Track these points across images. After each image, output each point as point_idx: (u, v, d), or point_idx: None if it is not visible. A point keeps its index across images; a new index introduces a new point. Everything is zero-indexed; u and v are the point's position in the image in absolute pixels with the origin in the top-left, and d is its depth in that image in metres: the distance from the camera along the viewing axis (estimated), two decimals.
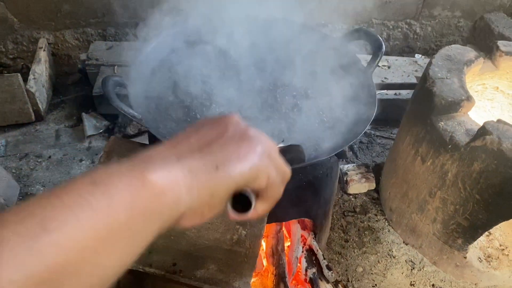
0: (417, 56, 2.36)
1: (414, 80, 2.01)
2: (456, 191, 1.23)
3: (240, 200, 0.45)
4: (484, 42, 2.29)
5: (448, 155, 1.21)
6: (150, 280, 1.18)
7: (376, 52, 1.18)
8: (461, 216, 1.25)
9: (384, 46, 1.17)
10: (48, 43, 2.04)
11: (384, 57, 2.18)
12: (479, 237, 1.27)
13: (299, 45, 1.26)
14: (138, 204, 0.34)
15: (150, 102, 1.09)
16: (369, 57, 1.18)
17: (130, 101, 1.00)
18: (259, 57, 1.20)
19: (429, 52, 2.38)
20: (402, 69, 2.12)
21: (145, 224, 0.35)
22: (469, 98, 1.23)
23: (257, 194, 0.46)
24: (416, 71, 2.11)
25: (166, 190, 0.36)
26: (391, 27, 2.29)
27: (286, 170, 0.50)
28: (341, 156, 1.07)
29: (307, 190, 1.12)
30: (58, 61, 2.10)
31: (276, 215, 1.10)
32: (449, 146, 1.20)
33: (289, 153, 0.58)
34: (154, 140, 1.09)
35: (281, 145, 0.59)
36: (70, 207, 0.31)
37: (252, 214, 0.47)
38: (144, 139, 1.73)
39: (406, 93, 1.95)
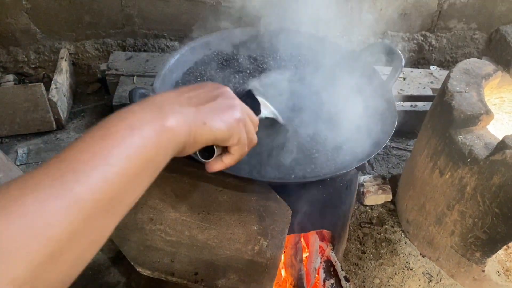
0: (432, 67, 2.37)
1: (429, 92, 2.01)
2: (475, 205, 1.23)
3: (209, 150, 0.63)
4: (500, 54, 2.29)
5: (467, 168, 1.22)
6: None
7: (396, 66, 1.19)
8: (479, 229, 1.25)
9: (404, 61, 1.19)
10: (69, 53, 2.09)
11: None
12: (498, 250, 1.27)
13: (319, 58, 1.28)
14: (161, 143, 0.47)
15: None
16: (385, 68, 1.20)
17: None
18: (280, 70, 1.22)
19: (444, 64, 2.39)
20: (417, 81, 2.12)
21: (164, 156, 0.49)
22: (488, 112, 1.24)
23: (228, 150, 0.64)
24: (431, 82, 2.12)
25: (177, 133, 0.50)
26: (406, 39, 2.30)
27: (254, 138, 0.67)
28: (360, 168, 1.08)
29: (327, 202, 1.14)
30: (78, 70, 2.15)
31: (296, 226, 1.12)
32: (468, 160, 1.20)
33: (250, 99, 0.79)
34: None
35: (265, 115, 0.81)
36: (120, 146, 0.42)
37: (220, 163, 0.65)
38: None
39: (422, 105, 1.96)
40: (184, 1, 2.03)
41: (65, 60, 2.00)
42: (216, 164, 0.66)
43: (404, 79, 2.14)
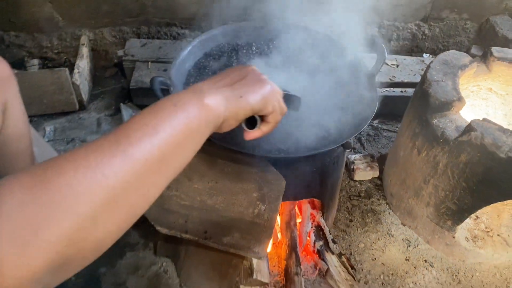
0: (425, 55, 2.53)
1: (419, 79, 2.18)
2: (446, 179, 1.42)
3: (251, 122, 0.75)
4: (489, 44, 2.44)
5: (439, 148, 1.40)
6: (184, 246, 1.42)
7: (380, 57, 1.37)
8: (450, 201, 1.45)
9: (386, 53, 1.37)
10: (89, 40, 2.27)
11: (393, 56, 2.37)
12: (465, 219, 1.46)
13: (313, 49, 1.46)
14: (201, 116, 0.57)
15: None
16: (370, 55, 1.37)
17: None
18: (275, 57, 1.40)
19: (436, 52, 2.54)
20: (409, 68, 2.29)
21: (205, 128, 0.58)
22: (460, 99, 1.42)
23: (263, 119, 0.74)
24: (422, 70, 2.28)
25: (214, 108, 0.59)
26: (401, 28, 2.46)
27: (283, 106, 0.77)
28: (346, 147, 1.26)
29: (317, 175, 1.33)
30: (96, 56, 2.34)
31: (290, 195, 1.31)
32: (441, 140, 1.39)
33: (289, 99, 0.88)
34: None
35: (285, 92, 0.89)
36: (166, 119, 0.52)
37: (258, 131, 0.76)
38: None
39: (411, 91, 2.13)
40: None
41: (86, 46, 2.19)
42: (255, 132, 0.76)
43: (397, 66, 2.30)
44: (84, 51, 2.15)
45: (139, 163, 0.47)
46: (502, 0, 2.42)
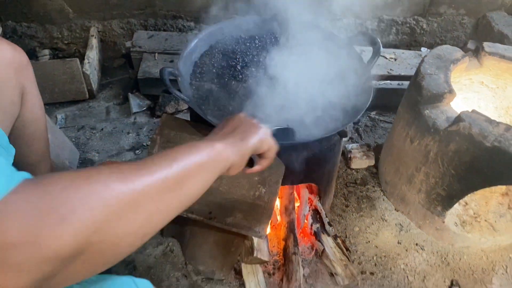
0: (423, 49, 2.60)
1: None
2: (436, 167, 1.51)
3: (249, 161, 0.86)
4: (485, 39, 2.52)
5: (430, 137, 1.49)
6: (189, 226, 1.51)
7: (375, 52, 1.45)
8: (440, 187, 1.54)
9: (381, 49, 1.45)
10: (98, 31, 2.36)
11: (392, 50, 2.45)
12: (454, 204, 1.55)
13: (314, 43, 1.54)
14: (210, 157, 0.67)
15: (193, 87, 1.40)
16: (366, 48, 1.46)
17: (180, 87, 1.31)
18: (276, 49, 1.49)
19: (434, 46, 2.60)
20: (407, 62, 2.37)
21: (214, 168, 0.68)
22: (451, 91, 1.50)
23: (260, 156, 0.87)
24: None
25: (222, 153, 0.70)
26: (400, 22, 2.53)
27: (274, 144, 0.89)
28: (342, 135, 1.35)
29: (314, 161, 1.42)
30: (105, 46, 2.42)
31: (289, 179, 1.40)
32: (432, 130, 1.47)
33: (285, 132, 1.06)
34: (195, 114, 1.41)
35: (274, 127, 1.02)
36: (184, 154, 0.63)
37: (258, 167, 0.90)
38: (181, 117, 2.05)
39: (408, 84, 2.21)
40: None
41: (95, 37, 2.28)
42: (256, 168, 0.90)
43: (395, 59, 2.38)
44: (94, 42, 2.23)
45: (159, 181, 0.56)
46: None
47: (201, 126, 1.37)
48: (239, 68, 1.46)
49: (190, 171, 0.62)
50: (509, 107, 1.78)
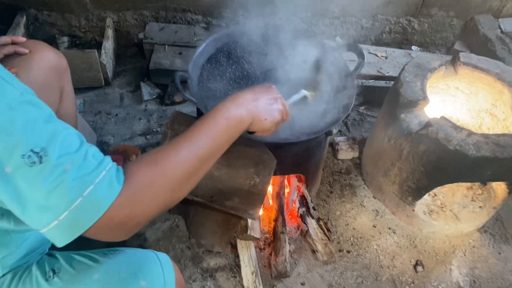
0: (414, 47, 2.80)
1: None
2: (408, 164, 1.75)
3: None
4: (471, 40, 2.71)
5: (404, 138, 1.72)
6: (193, 206, 1.76)
7: (360, 62, 1.66)
8: (410, 181, 1.78)
9: (365, 59, 1.66)
10: (113, 22, 2.55)
11: (383, 48, 2.65)
12: (422, 196, 1.80)
13: (306, 49, 1.74)
14: (231, 123, 0.88)
15: (201, 88, 1.62)
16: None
17: (189, 90, 1.53)
18: (271, 60, 1.70)
19: (424, 45, 2.81)
20: (396, 60, 2.57)
21: (235, 130, 0.90)
22: (425, 98, 1.72)
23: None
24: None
25: (239, 118, 0.90)
26: (393, 22, 2.71)
27: (288, 117, 1.09)
28: (328, 134, 1.57)
29: (303, 155, 1.65)
30: (119, 35, 2.62)
31: (280, 170, 1.64)
32: (405, 132, 1.70)
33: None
34: (201, 113, 1.63)
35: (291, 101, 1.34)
36: (211, 126, 0.85)
37: (257, 135, 1.06)
38: (186, 106, 2.28)
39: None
40: None
41: (110, 28, 2.48)
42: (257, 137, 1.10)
43: (386, 58, 2.58)
44: (109, 33, 2.44)
45: (201, 153, 0.81)
46: (487, 0, 2.66)
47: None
48: (243, 71, 1.67)
49: (220, 139, 0.85)
50: (480, 110, 2.00)
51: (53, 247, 1.13)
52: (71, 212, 0.64)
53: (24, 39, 1.31)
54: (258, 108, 0.96)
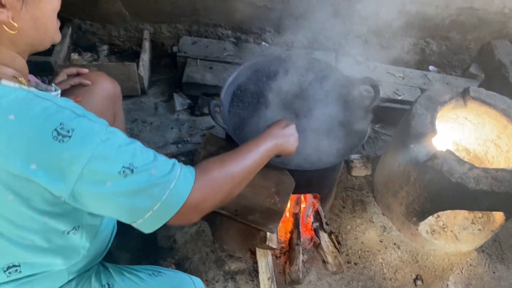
0: (431, 67, 2.94)
1: (419, 93, 2.62)
2: (414, 189, 1.93)
3: None
4: (486, 65, 2.83)
5: (412, 166, 1.90)
6: (219, 216, 1.97)
7: (376, 94, 1.83)
8: (416, 204, 1.96)
9: (381, 92, 1.83)
10: (149, 33, 2.75)
11: (401, 68, 2.80)
12: (426, 218, 1.98)
13: (326, 82, 1.91)
14: (265, 150, 1.16)
15: (231, 114, 1.82)
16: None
17: (222, 116, 1.73)
18: (294, 91, 1.87)
19: (441, 66, 2.95)
20: (413, 81, 2.72)
21: (271, 154, 1.21)
22: (433, 131, 1.89)
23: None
24: (424, 84, 2.71)
25: (272, 147, 1.20)
26: (412, 43, 2.85)
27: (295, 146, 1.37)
28: (341, 161, 1.76)
29: (318, 178, 1.85)
30: (154, 46, 2.82)
31: (297, 190, 1.83)
32: (414, 161, 1.88)
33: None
34: (229, 138, 1.83)
35: None
36: (253, 149, 1.13)
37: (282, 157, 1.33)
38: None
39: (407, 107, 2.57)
40: (239, 2, 2.63)
41: (147, 40, 2.68)
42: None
43: (403, 78, 2.74)
44: (146, 45, 2.64)
45: (245, 170, 1.06)
46: (505, 26, 2.78)
47: (235, 145, 1.80)
48: (267, 99, 1.86)
49: (257, 158, 1.12)
50: (486, 139, 2.16)
51: (104, 258, 1.36)
52: (162, 204, 0.86)
53: (87, 70, 1.53)
54: (286, 138, 1.28)
